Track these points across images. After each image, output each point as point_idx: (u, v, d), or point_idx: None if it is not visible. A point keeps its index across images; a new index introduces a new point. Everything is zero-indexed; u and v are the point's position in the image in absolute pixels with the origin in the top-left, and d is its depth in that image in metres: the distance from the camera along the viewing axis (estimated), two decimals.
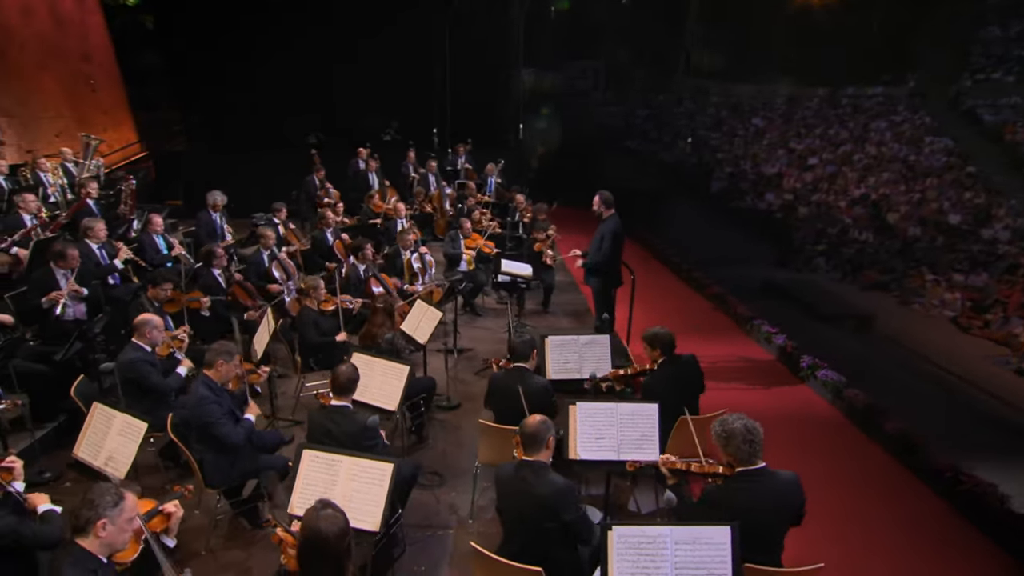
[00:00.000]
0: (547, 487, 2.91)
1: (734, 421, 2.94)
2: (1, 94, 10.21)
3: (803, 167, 20.22)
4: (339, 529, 2.31)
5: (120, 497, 2.43)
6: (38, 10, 11.16)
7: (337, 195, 10.10)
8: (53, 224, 6.53)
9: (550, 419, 3.08)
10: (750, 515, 2.81)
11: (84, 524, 2.35)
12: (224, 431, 3.61)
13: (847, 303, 12.16)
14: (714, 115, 24.65)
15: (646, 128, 24.30)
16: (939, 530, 4.24)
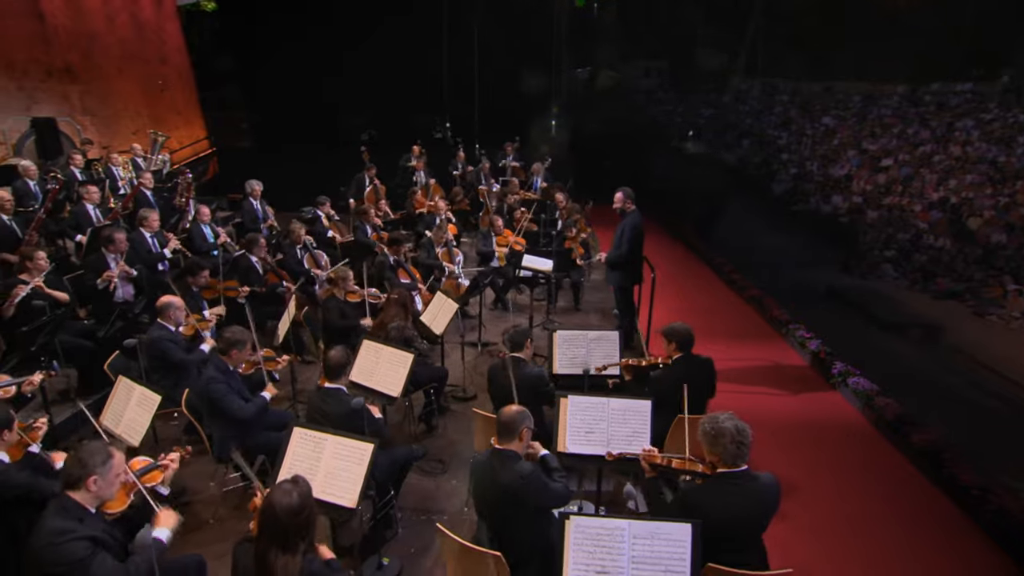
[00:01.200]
0: (510, 475, 2.92)
1: (724, 420, 2.88)
2: (86, 95, 11.11)
3: (875, 168, 19.13)
4: (290, 505, 2.35)
5: (109, 456, 2.63)
6: (121, 17, 12.06)
7: (384, 190, 10.39)
8: (112, 213, 7.05)
9: (549, 407, 3.06)
10: (725, 518, 2.76)
11: (75, 481, 2.55)
12: (231, 406, 3.83)
13: (914, 312, 11.46)
14: (781, 114, 23.70)
15: (707, 128, 23.70)
16: (958, 547, 3.96)
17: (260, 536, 2.36)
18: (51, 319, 4.37)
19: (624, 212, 6.11)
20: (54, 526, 2.42)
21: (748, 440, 2.88)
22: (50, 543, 2.38)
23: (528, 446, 3.12)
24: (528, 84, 14.18)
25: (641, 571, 2.60)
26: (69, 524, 2.44)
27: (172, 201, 7.90)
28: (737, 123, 23.49)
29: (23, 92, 10.00)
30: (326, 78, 13.53)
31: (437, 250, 7.34)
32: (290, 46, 13.47)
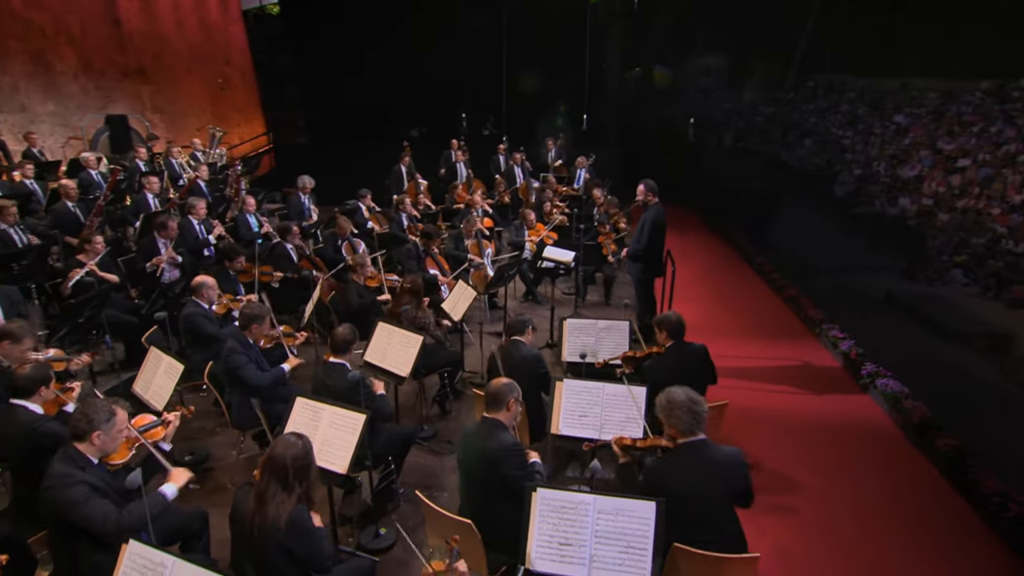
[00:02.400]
0: (495, 443, 3.03)
1: (678, 393, 2.95)
2: (156, 94, 11.91)
3: (950, 169, 18.01)
4: (293, 453, 2.57)
5: (112, 413, 2.88)
6: (189, 21, 12.85)
7: (426, 184, 10.65)
8: (169, 203, 7.56)
9: (545, 393, 3.14)
10: (686, 487, 2.80)
11: (81, 434, 2.80)
12: (247, 374, 4.09)
13: (983, 320, 10.74)
14: (848, 112, 22.62)
15: (768, 127, 22.95)
16: (971, 552, 3.78)
17: (263, 476, 2.55)
18: (97, 293, 4.75)
19: (646, 205, 6.08)
20: (57, 471, 2.68)
21: (703, 411, 2.92)
22: (52, 485, 2.64)
23: (516, 417, 3.20)
24: (575, 82, 14.17)
25: (603, 545, 2.63)
26: (71, 470, 2.68)
27: (224, 192, 8.37)
28: (800, 122, 22.64)
29: (100, 92, 10.83)
30: (380, 78, 13.97)
31: (467, 242, 7.48)
32: (348, 47, 13.99)
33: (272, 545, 2.48)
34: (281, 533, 2.46)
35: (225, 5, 13.85)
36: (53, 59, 10.10)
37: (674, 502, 2.67)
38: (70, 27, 10.36)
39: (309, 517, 2.58)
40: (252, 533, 2.50)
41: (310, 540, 2.55)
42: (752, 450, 4.81)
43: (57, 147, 9.85)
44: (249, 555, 2.54)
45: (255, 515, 2.51)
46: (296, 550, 2.52)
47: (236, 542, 2.62)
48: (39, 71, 9.88)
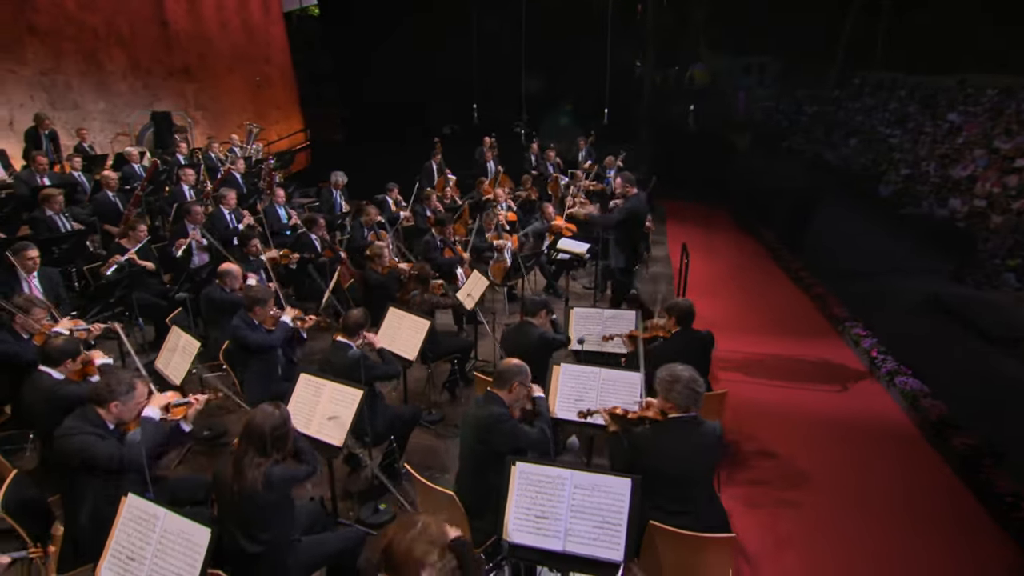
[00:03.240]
0: (486, 412, 3.12)
1: (682, 370, 2.98)
2: (200, 92, 12.41)
3: (1006, 169, 17.22)
4: (271, 423, 2.70)
5: (132, 387, 3.06)
6: (233, 23, 13.35)
7: (454, 180, 10.82)
8: (204, 193, 7.89)
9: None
10: (674, 459, 2.86)
11: (101, 401, 3.00)
12: (256, 339, 4.30)
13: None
14: (898, 111, 21.85)
15: (811, 126, 22.35)
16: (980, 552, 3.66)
17: (241, 443, 2.69)
18: (128, 275, 5.02)
19: (626, 196, 6.10)
20: (71, 423, 2.89)
21: (702, 390, 2.97)
22: (65, 434, 2.85)
23: (518, 399, 3.27)
24: (598, 77, 14.11)
25: (579, 519, 2.66)
26: (85, 426, 2.88)
27: (258, 185, 8.69)
28: (845, 120, 21.99)
29: (147, 90, 11.37)
30: (415, 77, 14.21)
31: (487, 235, 7.57)
32: (383, 48, 14.30)
33: (256, 506, 2.61)
34: (260, 495, 2.59)
35: (267, 7, 14.33)
36: (104, 59, 10.64)
37: (657, 471, 2.74)
38: (120, 29, 10.90)
39: (283, 469, 2.71)
40: (233, 499, 2.63)
41: (291, 480, 2.75)
42: (762, 443, 4.77)
43: (106, 142, 10.38)
44: (233, 517, 2.68)
45: (235, 481, 2.63)
46: (285, 496, 2.72)
47: (220, 506, 2.75)
48: (91, 70, 10.43)
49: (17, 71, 9.44)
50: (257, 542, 2.66)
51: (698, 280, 8.94)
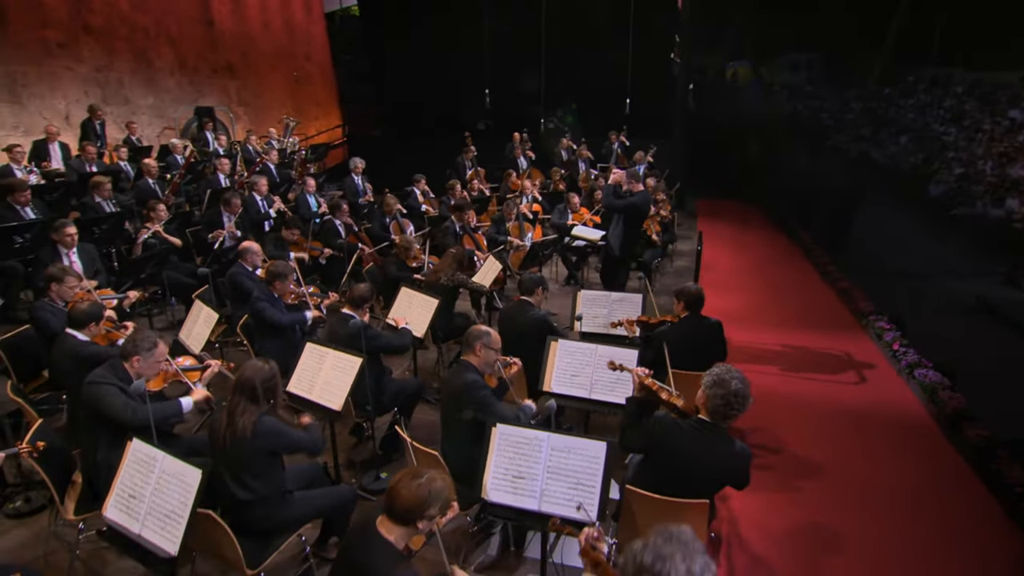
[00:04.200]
0: (459, 379, 3.22)
1: (734, 379, 2.68)
2: (242, 89, 12.90)
3: None
4: (261, 375, 2.86)
5: (154, 345, 3.29)
6: (275, 22, 13.82)
7: (483, 172, 11.00)
8: (238, 182, 8.22)
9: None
10: (688, 458, 2.73)
11: (126, 355, 3.25)
12: (272, 316, 4.51)
13: None
14: (953, 108, 20.98)
15: (858, 123, 21.66)
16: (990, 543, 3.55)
17: (234, 395, 2.86)
18: (157, 252, 5.31)
19: (631, 192, 6.17)
20: (100, 372, 3.14)
21: (739, 407, 2.69)
22: (92, 381, 3.11)
23: (488, 363, 3.35)
24: (643, 76, 14.02)
25: (554, 480, 2.73)
26: (111, 376, 3.12)
27: (291, 174, 9.02)
28: (896, 118, 21.23)
29: (193, 86, 11.89)
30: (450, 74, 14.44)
31: (507, 224, 7.67)
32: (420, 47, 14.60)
33: (246, 452, 2.77)
34: (248, 440, 2.74)
35: (309, 7, 14.78)
36: (154, 57, 11.19)
37: (669, 462, 2.71)
38: (169, 28, 11.44)
39: (275, 421, 2.85)
40: (225, 446, 2.79)
41: (280, 437, 2.85)
42: (771, 430, 4.72)
43: (153, 136, 10.90)
44: (224, 464, 2.84)
45: (226, 429, 2.80)
46: (273, 448, 2.86)
47: (214, 454, 2.92)
48: (141, 68, 10.98)
49: (74, 68, 10.01)
50: (247, 489, 2.81)
51: (723, 274, 8.85)
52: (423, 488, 2.12)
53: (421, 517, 2.12)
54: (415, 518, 2.11)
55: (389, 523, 2.13)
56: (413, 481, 2.15)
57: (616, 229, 6.18)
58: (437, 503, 2.15)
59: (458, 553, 3.38)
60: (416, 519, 2.11)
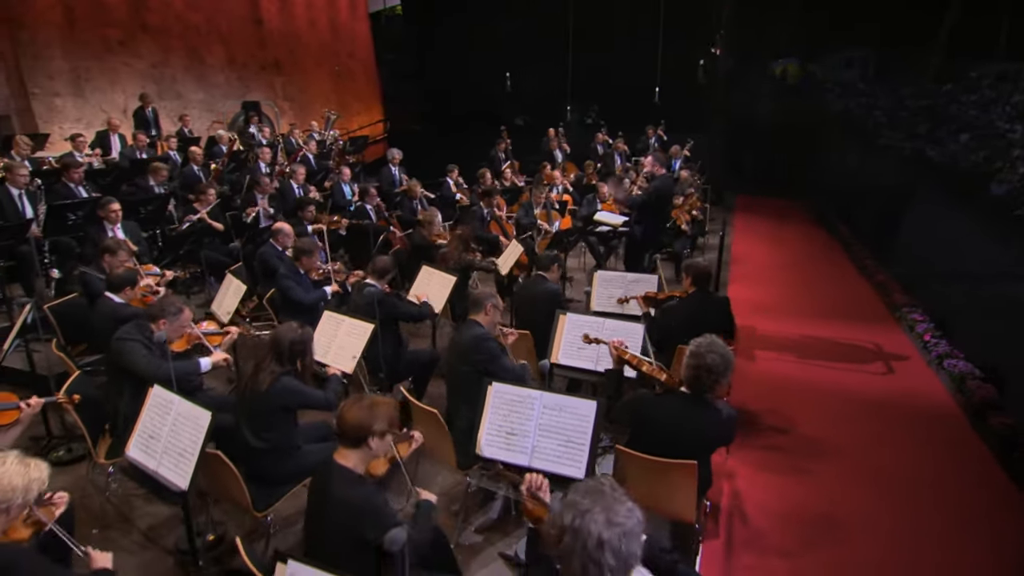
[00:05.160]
0: (467, 335, 3.35)
1: (711, 353, 2.68)
2: (288, 84, 13.38)
3: None
4: (291, 337, 3.07)
5: (180, 310, 3.55)
6: (321, 20, 14.28)
7: (517, 164, 11.14)
8: (278, 171, 8.56)
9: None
10: (668, 431, 2.76)
11: (153, 317, 3.50)
12: (295, 293, 4.73)
13: None
14: (1021, 104, 19.95)
15: (914, 121, 20.82)
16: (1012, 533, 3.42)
17: (265, 352, 3.04)
18: (194, 230, 5.61)
19: (654, 175, 6.23)
20: (128, 329, 3.40)
21: (710, 381, 2.70)
22: (121, 336, 3.38)
23: (494, 323, 3.46)
24: (683, 72, 13.89)
25: (545, 437, 2.80)
26: (138, 333, 3.36)
27: (328, 163, 9.34)
28: (957, 115, 20.32)
29: (241, 82, 12.41)
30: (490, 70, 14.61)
31: (536, 211, 7.75)
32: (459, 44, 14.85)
33: (262, 406, 2.94)
34: (264, 395, 2.92)
35: (353, 5, 15.21)
36: (205, 54, 11.73)
37: (655, 435, 2.74)
38: (220, 26, 11.98)
39: (293, 380, 3.01)
40: (245, 394, 2.97)
41: (294, 395, 3.03)
42: (785, 414, 4.67)
43: (203, 129, 11.41)
44: (244, 415, 3.03)
45: (250, 379, 2.98)
46: (287, 405, 3.03)
47: (237, 402, 3.10)
48: (193, 64, 11.53)
49: (132, 64, 10.61)
50: (260, 439, 2.99)
51: (756, 267, 8.71)
52: (364, 408, 2.27)
53: (370, 434, 2.25)
54: (364, 437, 2.24)
55: (344, 450, 2.27)
56: (356, 404, 2.29)
57: (642, 216, 6.20)
58: (381, 420, 2.28)
59: (459, 513, 3.48)
60: (365, 438, 2.24)
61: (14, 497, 1.96)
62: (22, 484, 1.98)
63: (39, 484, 2.04)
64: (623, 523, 1.50)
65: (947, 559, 3.27)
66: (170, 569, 3.14)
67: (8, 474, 1.96)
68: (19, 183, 5.59)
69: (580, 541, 1.49)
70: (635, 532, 1.52)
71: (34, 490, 2.02)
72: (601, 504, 1.53)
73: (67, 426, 4.25)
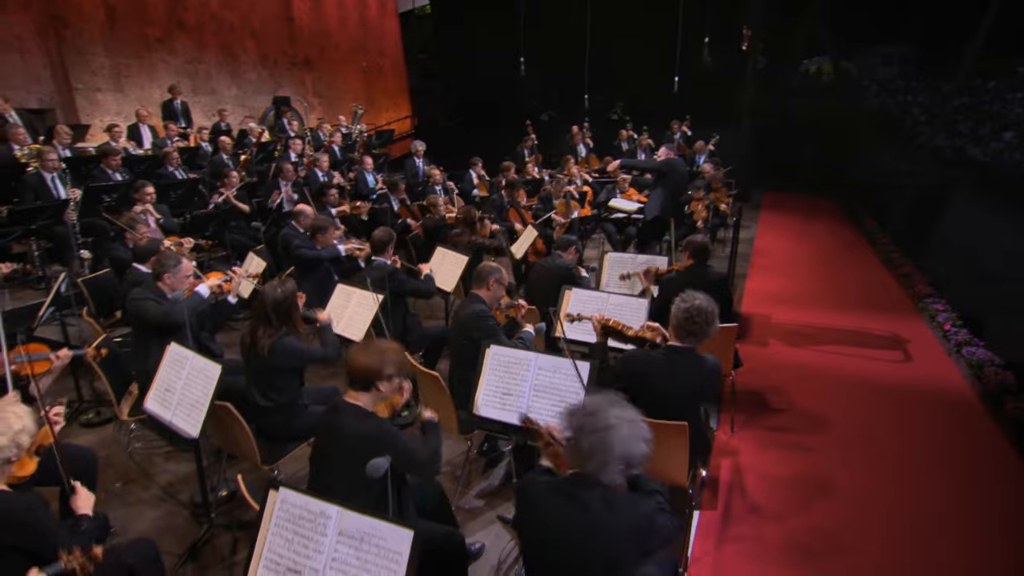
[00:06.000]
0: (468, 310, 3.45)
1: (697, 297, 2.83)
2: (318, 81, 13.70)
3: None
4: (275, 296, 3.15)
5: (179, 261, 3.70)
6: (351, 19, 14.57)
7: (540, 158, 11.23)
8: (307, 161, 8.81)
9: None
10: (662, 385, 2.83)
11: (157, 275, 3.66)
12: (303, 252, 4.96)
13: None
14: None
15: (955, 118, 20.26)
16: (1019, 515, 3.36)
17: (253, 315, 3.18)
18: (218, 212, 5.84)
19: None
20: (139, 290, 3.59)
21: (704, 328, 2.79)
22: (135, 297, 3.56)
23: (497, 298, 3.54)
24: (714, 68, 13.81)
25: (540, 397, 2.88)
26: (148, 292, 3.56)
27: (352, 155, 9.56)
28: (1001, 112, 19.73)
29: (272, 78, 12.76)
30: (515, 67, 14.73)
31: (554, 201, 7.81)
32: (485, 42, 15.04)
33: (266, 368, 3.09)
34: (267, 358, 3.05)
35: (383, 3, 15.49)
36: (239, 51, 12.10)
37: (643, 392, 2.75)
38: (253, 24, 12.34)
39: (292, 341, 3.13)
40: (250, 359, 3.12)
41: (296, 355, 3.14)
42: (793, 396, 4.65)
43: (236, 123, 11.77)
44: (251, 377, 3.18)
45: (251, 348, 3.12)
46: (290, 365, 3.16)
47: (244, 363, 3.25)
48: (227, 61, 11.91)
49: (168, 60, 11.01)
50: (267, 398, 3.14)
51: (778, 259, 8.62)
52: (373, 352, 2.36)
53: (379, 378, 2.34)
54: (373, 380, 2.33)
55: (354, 392, 2.36)
56: (365, 350, 2.39)
57: (652, 198, 6.23)
58: (391, 364, 2.37)
59: (461, 478, 3.57)
60: (375, 381, 2.33)
61: (5, 452, 2.00)
62: (6, 441, 2.00)
63: (27, 433, 2.06)
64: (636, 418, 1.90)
65: (954, 537, 3.23)
66: (185, 521, 3.31)
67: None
68: (50, 167, 5.90)
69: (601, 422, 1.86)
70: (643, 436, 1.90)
71: (24, 439, 2.05)
72: (610, 403, 1.93)
73: (97, 393, 4.49)
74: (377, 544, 1.78)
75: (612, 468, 1.84)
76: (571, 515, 1.86)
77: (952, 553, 3.14)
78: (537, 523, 1.96)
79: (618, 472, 1.86)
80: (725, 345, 3.90)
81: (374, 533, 1.79)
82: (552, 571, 1.95)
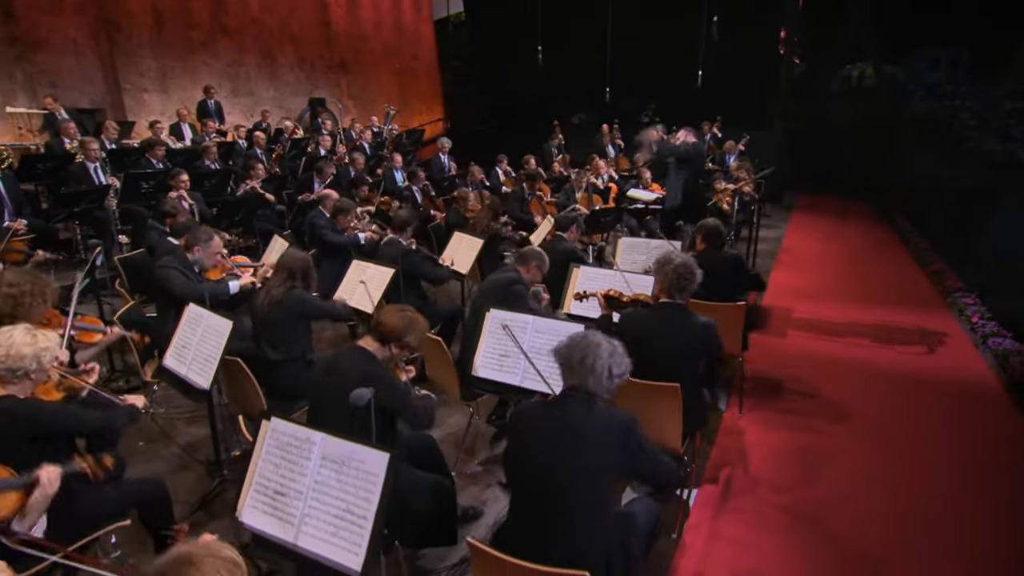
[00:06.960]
0: (503, 275, 3.63)
1: (677, 255, 3.09)
2: (352, 83, 14.08)
3: None
4: (299, 257, 3.40)
5: (211, 237, 3.90)
6: (387, 23, 14.95)
7: (567, 157, 11.30)
8: (336, 156, 9.08)
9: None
10: (658, 341, 2.92)
11: (188, 247, 3.87)
12: (329, 236, 5.16)
13: None
14: None
15: (1008, 122, 19.53)
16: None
17: (275, 273, 3.35)
18: (244, 199, 6.09)
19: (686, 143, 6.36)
20: (168, 259, 3.79)
21: (692, 278, 2.98)
22: (162, 264, 3.76)
23: (533, 282, 3.66)
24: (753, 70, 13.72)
25: (536, 359, 2.91)
26: (176, 261, 3.74)
27: (381, 152, 9.81)
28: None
29: (309, 81, 13.17)
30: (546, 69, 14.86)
31: (577, 194, 7.86)
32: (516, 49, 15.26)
33: (277, 317, 3.23)
34: (278, 306, 3.21)
35: (418, 8, 15.84)
36: (277, 54, 12.55)
37: (640, 350, 2.76)
38: (292, 28, 12.79)
39: (303, 292, 3.30)
40: (259, 311, 3.27)
41: (306, 304, 3.31)
42: (809, 383, 4.59)
43: (273, 124, 12.20)
44: (261, 332, 3.33)
45: (264, 298, 3.29)
46: (302, 313, 3.34)
47: (253, 323, 3.40)
48: (266, 63, 12.36)
49: (211, 63, 11.49)
50: (276, 351, 3.28)
51: (805, 257, 8.49)
52: (406, 317, 2.49)
53: (397, 340, 2.46)
54: (392, 339, 2.46)
55: (369, 339, 2.49)
56: (399, 311, 2.52)
57: (671, 184, 6.25)
58: (413, 334, 2.48)
59: (464, 446, 3.64)
60: (392, 340, 2.45)
61: (26, 365, 2.11)
62: (31, 352, 2.11)
63: (50, 353, 2.19)
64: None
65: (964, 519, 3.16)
66: (199, 475, 3.47)
67: (16, 344, 2.10)
68: (92, 156, 6.27)
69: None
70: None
71: (46, 358, 2.17)
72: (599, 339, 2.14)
73: (127, 364, 4.72)
74: (356, 467, 1.87)
75: (599, 373, 2.03)
76: (553, 417, 2.04)
77: (960, 534, 3.07)
78: (522, 431, 2.11)
79: (604, 380, 2.04)
80: (734, 324, 3.90)
81: (354, 456, 1.88)
82: (531, 477, 2.05)
